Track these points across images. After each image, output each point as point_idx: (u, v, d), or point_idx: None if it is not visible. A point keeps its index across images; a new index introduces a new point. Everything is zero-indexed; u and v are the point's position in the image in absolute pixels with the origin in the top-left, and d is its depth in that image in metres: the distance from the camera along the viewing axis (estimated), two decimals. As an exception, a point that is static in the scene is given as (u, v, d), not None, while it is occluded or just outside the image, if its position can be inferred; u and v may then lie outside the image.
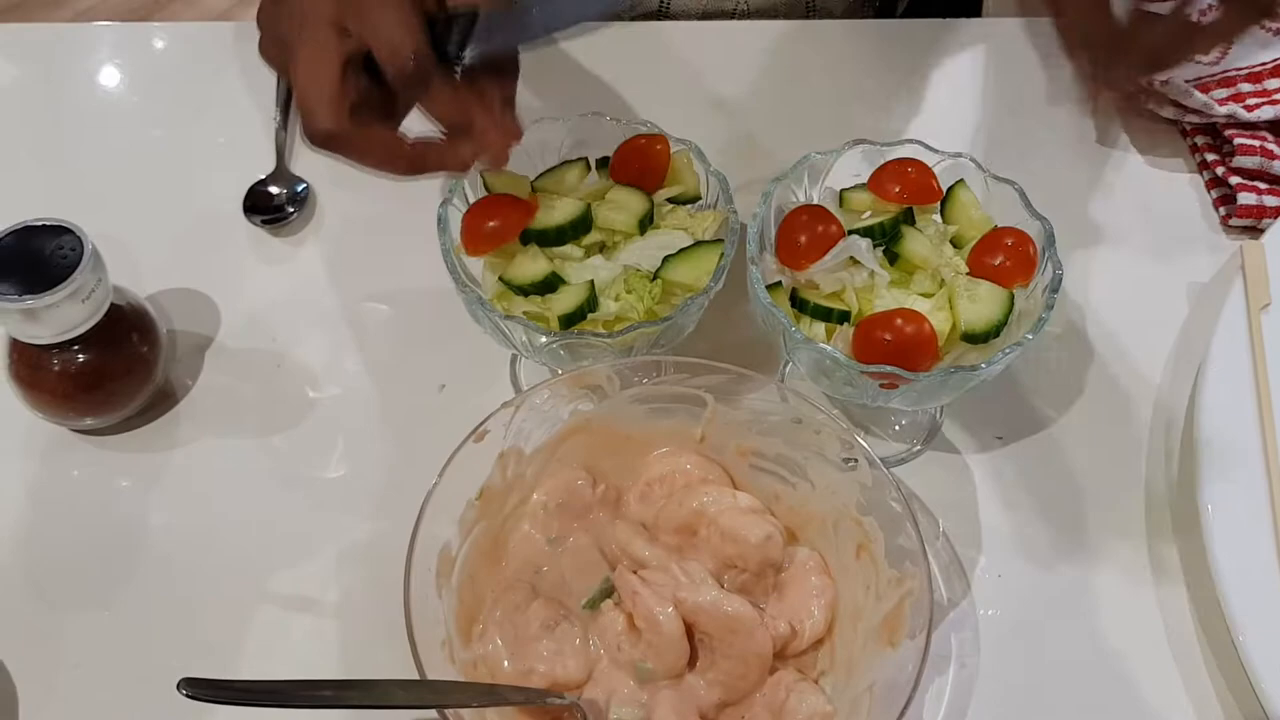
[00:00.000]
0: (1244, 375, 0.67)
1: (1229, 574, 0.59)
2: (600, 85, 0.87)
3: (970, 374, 0.56)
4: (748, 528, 0.57)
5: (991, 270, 0.60)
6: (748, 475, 0.62)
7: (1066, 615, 0.62)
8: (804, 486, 0.60)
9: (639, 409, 0.61)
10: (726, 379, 0.59)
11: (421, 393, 0.70)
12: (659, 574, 0.56)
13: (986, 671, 0.60)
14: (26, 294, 0.58)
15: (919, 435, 0.68)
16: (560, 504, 0.60)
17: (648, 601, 0.54)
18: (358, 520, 0.65)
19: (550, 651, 0.55)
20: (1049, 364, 0.71)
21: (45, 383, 0.63)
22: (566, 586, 0.59)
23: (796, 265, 0.61)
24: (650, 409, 0.61)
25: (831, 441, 0.57)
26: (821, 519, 0.59)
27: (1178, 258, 0.77)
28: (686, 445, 0.62)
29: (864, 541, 0.57)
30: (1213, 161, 0.80)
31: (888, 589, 0.55)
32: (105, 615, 0.61)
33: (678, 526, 0.59)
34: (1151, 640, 0.61)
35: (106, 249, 0.63)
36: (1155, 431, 0.69)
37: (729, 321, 0.68)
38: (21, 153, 0.84)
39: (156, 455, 0.68)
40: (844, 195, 0.65)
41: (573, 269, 0.61)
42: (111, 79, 0.89)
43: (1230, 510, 0.61)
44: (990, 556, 0.64)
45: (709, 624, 0.54)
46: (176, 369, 0.71)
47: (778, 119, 0.85)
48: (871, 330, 0.57)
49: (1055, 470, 0.67)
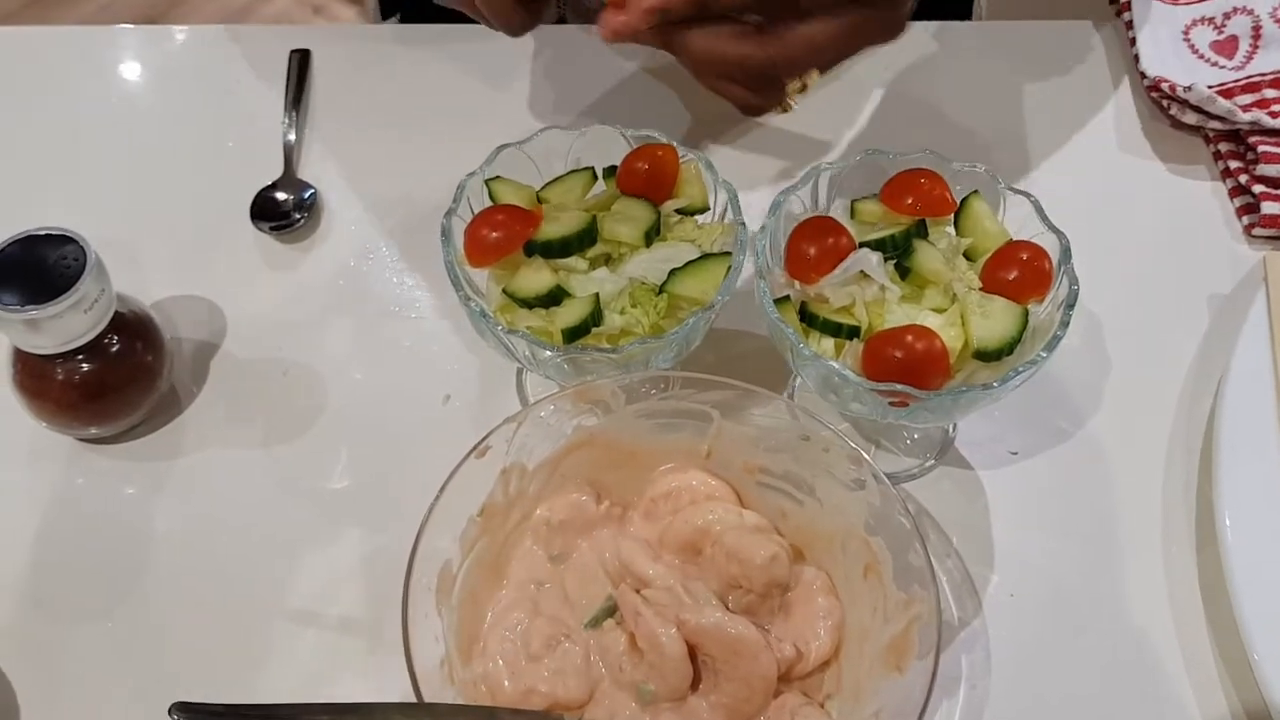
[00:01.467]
0: (1266, 391, 0.66)
1: (1248, 599, 0.57)
2: (606, 91, 0.86)
3: (983, 393, 0.55)
4: (753, 547, 0.55)
5: (1005, 285, 0.59)
6: (755, 492, 0.61)
7: (1080, 636, 0.61)
8: (812, 504, 0.59)
9: (644, 424, 0.60)
10: (733, 394, 0.58)
11: (427, 405, 0.69)
12: (662, 593, 0.55)
13: (997, 692, 0.59)
14: (29, 304, 0.58)
15: (931, 450, 0.67)
16: (564, 520, 0.59)
17: (650, 622, 0.53)
18: (361, 533, 0.64)
19: (552, 671, 0.54)
20: (1065, 377, 0.70)
21: (49, 392, 0.63)
22: (569, 604, 0.58)
23: (806, 278, 0.60)
24: (656, 424, 0.60)
25: (840, 460, 0.56)
26: (829, 538, 0.58)
27: (1199, 268, 0.76)
28: (693, 461, 0.61)
29: (872, 562, 0.55)
30: (1236, 169, 0.79)
31: (895, 611, 0.53)
32: (108, 625, 0.61)
33: (683, 544, 0.58)
34: (1167, 663, 0.60)
35: (112, 254, 0.63)
36: (1174, 447, 0.67)
37: (738, 333, 0.67)
38: (28, 156, 0.84)
39: (161, 464, 0.67)
40: (855, 206, 0.64)
41: (577, 281, 0.60)
42: (117, 82, 0.89)
43: (1251, 530, 0.60)
44: (1003, 575, 0.63)
45: (712, 646, 0.53)
46: (182, 377, 0.70)
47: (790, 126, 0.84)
48: (881, 347, 0.56)
49: (1070, 487, 0.66)
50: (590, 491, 0.60)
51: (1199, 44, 0.85)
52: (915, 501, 0.65)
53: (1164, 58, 0.85)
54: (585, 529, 0.60)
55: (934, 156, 0.64)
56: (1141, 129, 0.84)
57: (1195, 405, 0.69)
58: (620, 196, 0.63)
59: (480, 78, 0.87)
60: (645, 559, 0.57)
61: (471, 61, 0.88)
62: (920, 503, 0.65)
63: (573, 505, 0.60)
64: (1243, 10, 0.85)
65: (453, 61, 0.88)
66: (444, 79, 0.87)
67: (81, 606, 0.62)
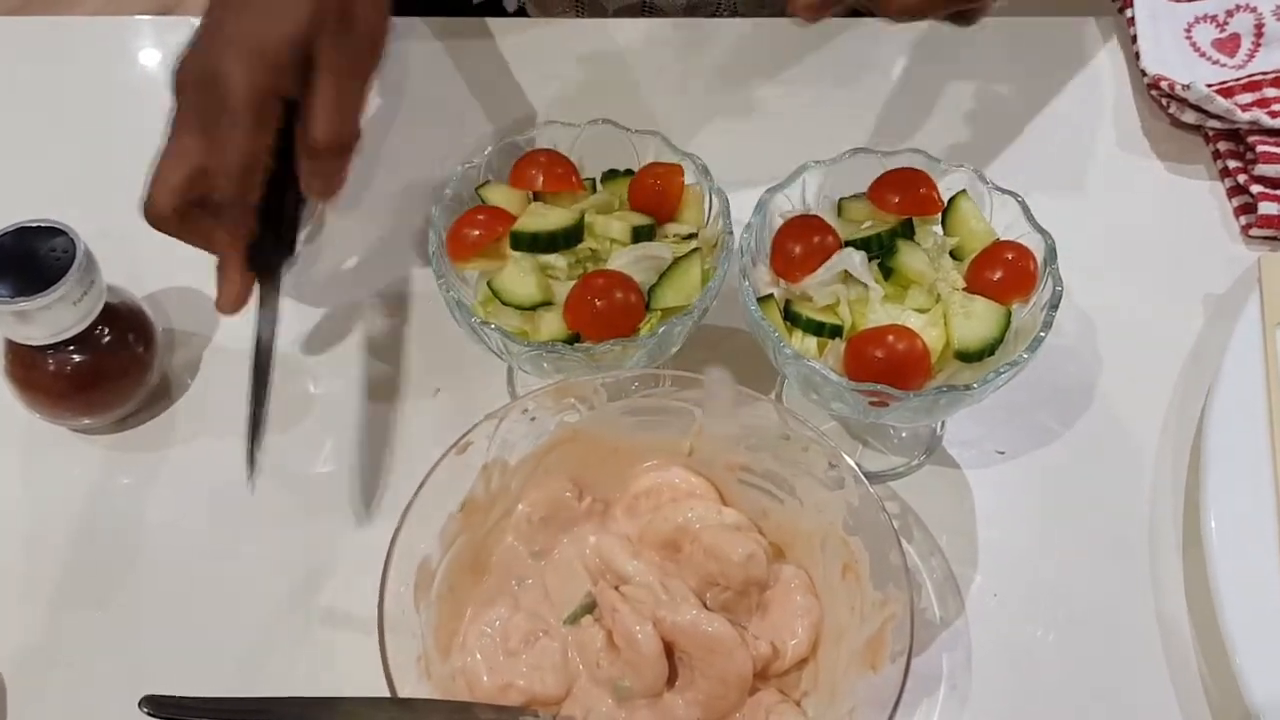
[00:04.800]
0: (1256, 394, 0.65)
1: (1232, 601, 0.57)
2: (606, 89, 0.86)
3: (962, 394, 0.55)
4: (730, 545, 0.55)
5: (989, 285, 0.59)
6: (736, 490, 0.61)
7: (1062, 637, 0.61)
8: (792, 503, 0.59)
9: (627, 421, 0.60)
10: (712, 391, 0.58)
11: (417, 396, 0.70)
12: (641, 590, 0.55)
13: (978, 692, 0.59)
14: (19, 296, 0.59)
15: (919, 448, 0.67)
16: (544, 517, 0.59)
17: (626, 619, 0.53)
18: (350, 525, 0.65)
19: (530, 666, 0.55)
20: (1054, 376, 0.69)
21: (40, 383, 0.63)
22: (549, 601, 0.58)
23: (790, 277, 0.60)
24: (639, 421, 0.60)
25: (819, 459, 0.56)
26: (809, 536, 0.58)
27: (1194, 268, 0.75)
28: (675, 458, 0.61)
29: (850, 561, 0.55)
30: (1234, 169, 0.78)
31: (872, 611, 0.53)
32: (99, 615, 0.62)
33: (663, 541, 0.58)
34: (1151, 667, 0.59)
35: (104, 246, 0.63)
36: (1163, 450, 0.67)
37: (726, 331, 0.67)
38: (20, 147, 0.84)
39: (153, 454, 0.68)
40: (842, 205, 0.64)
41: (561, 290, 0.60)
42: (112, 74, 0.89)
43: (1236, 533, 0.60)
44: (986, 575, 0.63)
45: (688, 643, 0.53)
46: (174, 368, 0.71)
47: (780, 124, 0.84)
48: (863, 347, 0.56)
49: (1057, 487, 0.66)
50: (573, 488, 0.60)
51: (1201, 42, 0.85)
52: (901, 500, 0.65)
53: (1165, 55, 0.84)
54: (567, 525, 0.60)
55: (922, 156, 0.64)
56: (1141, 127, 0.83)
57: (1185, 406, 0.68)
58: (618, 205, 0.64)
59: (482, 71, 0.87)
60: (624, 556, 0.58)
61: (473, 55, 0.88)
62: (906, 501, 0.65)
63: (555, 502, 0.59)
64: (1245, 8, 0.84)
65: (454, 55, 0.88)
66: (445, 72, 0.87)
67: (73, 596, 0.63)
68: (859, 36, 0.89)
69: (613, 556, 0.58)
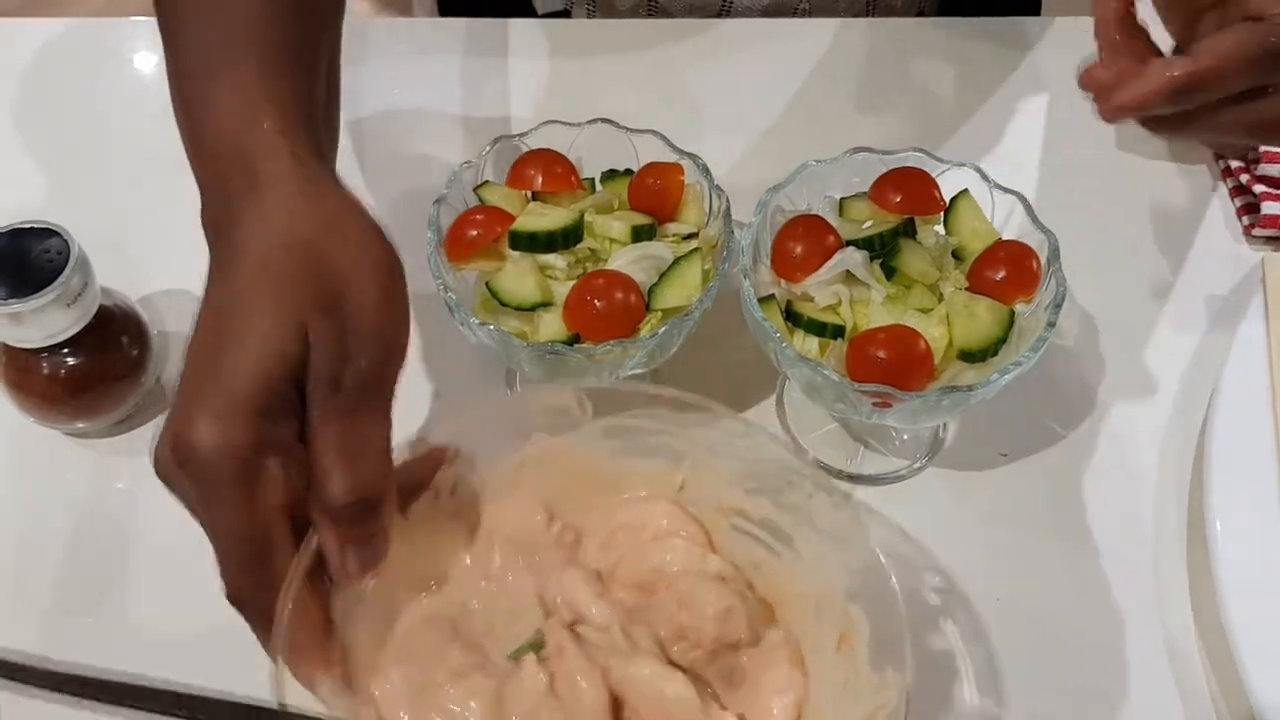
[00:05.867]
0: (1260, 395, 0.65)
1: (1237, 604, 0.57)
2: (605, 87, 0.85)
3: (966, 395, 0.54)
4: (705, 595, 0.49)
5: (992, 285, 0.58)
6: (728, 536, 0.54)
7: (1065, 640, 0.60)
8: (790, 556, 0.52)
9: (613, 443, 0.53)
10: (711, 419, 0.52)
11: (417, 397, 0.69)
12: (598, 635, 0.48)
13: (978, 693, 0.58)
14: (11, 298, 0.58)
15: (921, 451, 0.66)
16: (507, 537, 0.53)
17: (572, 662, 0.46)
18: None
19: (455, 703, 0.47)
20: (1058, 378, 0.69)
21: (34, 386, 0.63)
22: (493, 632, 0.51)
23: (792, 277, 0.60)
24: (625, 444, 0.53)
25: (824, 509, 0.50)
26: (804, 598, 0.51)
27: (1197, 269, 0.75)
28: (663, 492, 0.54)
29: (848, 631, 0.48)
30: (1237, 169, 0.78)
31: (865, 692, 0.47)
32: (94, 619, 0.61)
33: (636, 582, 0.52)
34: (1155, 667, 0.59)
35: (99, 249, 0.62)
36: (1167, 451, 0.66)
37: (726, 332, 0.66)
38: (16, 147, 0.83)
39: (148, 458, 0.66)
40: (844, 204, 0.63)
41: (560, 290, 0.59)
42: (109, 75, 0.88)
43: (1241, 536, 0.59)
44: (989, 579, 0.62)
45: (640, 701, 0.46)
46: (169, 370, 0.70)
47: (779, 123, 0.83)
48: (865, 347, 0.56)
49: (1061, 490, 0.65)
50: (544, 510, 0.54)
51: (1203, 40, 0.84)
52: (903, 503, 0.64)
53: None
54: (530, 550, 0.53)
55: (923, 155, 0.63)
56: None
57: (1189, 408, 0.68)
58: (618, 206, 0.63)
59: (481, 71, 0.87)
60: (587, 592, 0.51)
61: (472, 54, 0.87)
62: (908, 504, 0.64)
63: (521, 522, 0.53)
64: (1248, 6, 0.83)
65: (453, 54, 0.88)
66: (444, 71, 0.87)
67: (66, 600, 0.62)
68: (859, 36, 0.88)
69: (574, 591, 0.51)
